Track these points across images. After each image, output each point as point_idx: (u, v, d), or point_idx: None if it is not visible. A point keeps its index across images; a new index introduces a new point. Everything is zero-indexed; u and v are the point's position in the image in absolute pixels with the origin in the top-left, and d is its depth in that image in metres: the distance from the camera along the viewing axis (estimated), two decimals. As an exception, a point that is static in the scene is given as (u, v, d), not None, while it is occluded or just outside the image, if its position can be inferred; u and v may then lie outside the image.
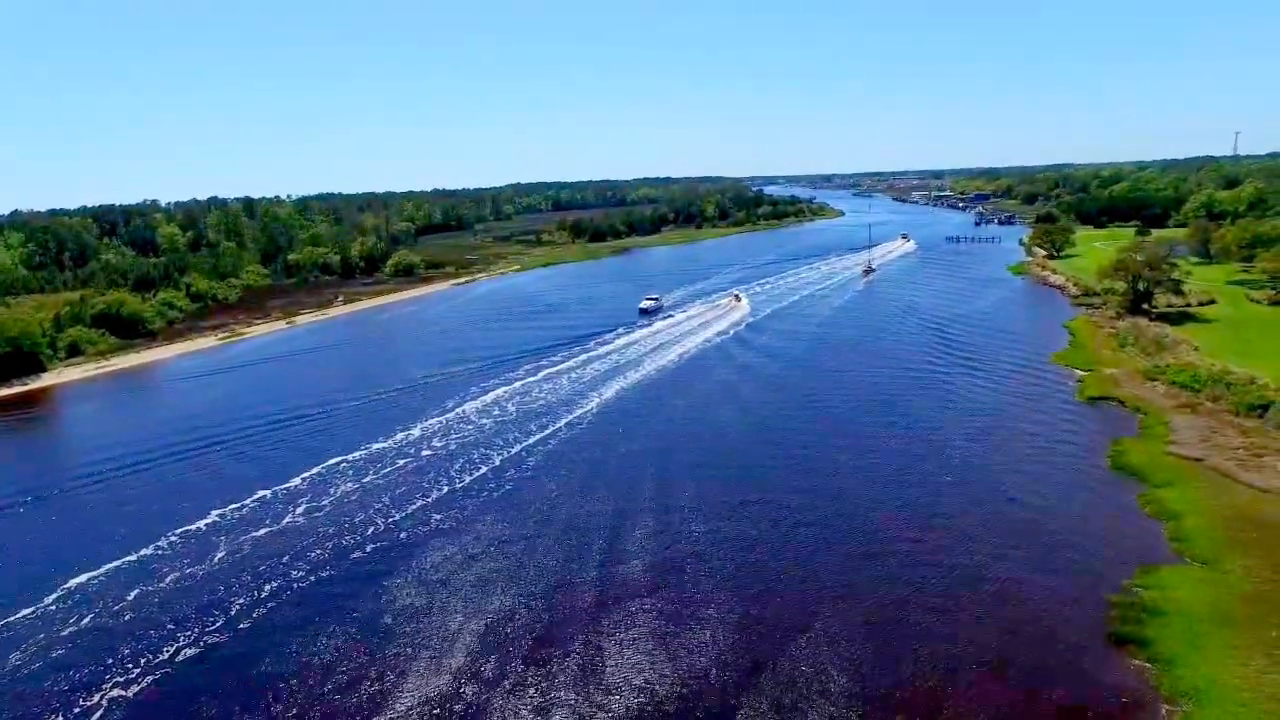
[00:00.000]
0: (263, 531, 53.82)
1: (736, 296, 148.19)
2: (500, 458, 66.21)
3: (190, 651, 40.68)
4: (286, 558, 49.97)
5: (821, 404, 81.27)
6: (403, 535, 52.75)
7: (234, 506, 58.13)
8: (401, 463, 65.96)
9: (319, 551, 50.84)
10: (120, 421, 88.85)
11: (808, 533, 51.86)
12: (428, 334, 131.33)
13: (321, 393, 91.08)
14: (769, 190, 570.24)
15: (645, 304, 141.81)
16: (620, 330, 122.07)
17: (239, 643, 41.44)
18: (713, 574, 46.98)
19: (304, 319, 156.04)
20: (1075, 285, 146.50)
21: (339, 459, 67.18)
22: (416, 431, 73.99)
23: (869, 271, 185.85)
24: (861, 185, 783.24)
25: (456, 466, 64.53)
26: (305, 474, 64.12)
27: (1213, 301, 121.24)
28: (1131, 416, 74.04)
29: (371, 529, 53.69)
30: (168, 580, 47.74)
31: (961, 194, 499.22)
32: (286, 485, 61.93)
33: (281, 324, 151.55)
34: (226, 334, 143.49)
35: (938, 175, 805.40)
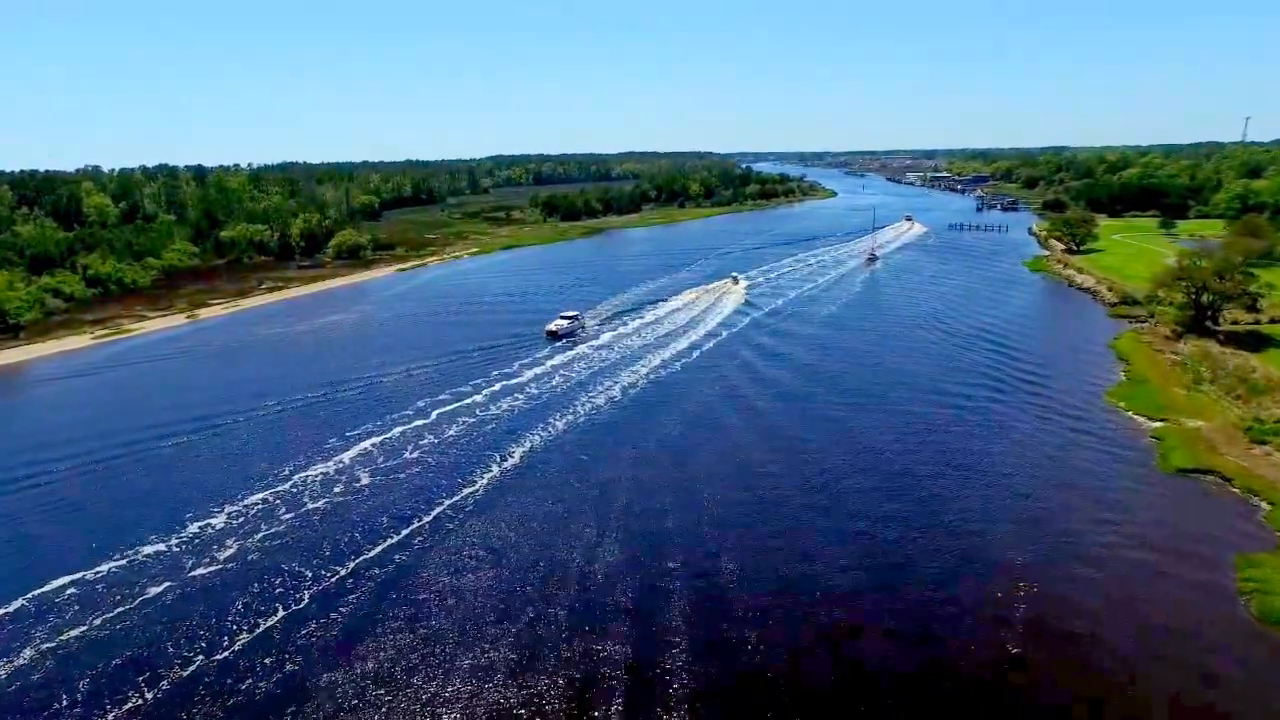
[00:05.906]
0: None
1: (735, 279, 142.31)
2: (311, 590, 42.02)
3: None
4: None
5: (788, 484, 57.80)
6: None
7: None
8: (154, 593, 41.72)
9: None
10: None
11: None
12: (331, 340, 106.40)
13: (137, 431, 67.07)
14: (758, 167, 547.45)
15: (555, 325, 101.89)
16: (562, 343, 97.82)
17: None
18: None
19: (211, 311, 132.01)
20: (1110, 290, 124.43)
21: (66, 579, 43.10)
22: (217, 522, 49.72)
23: (872, 260, 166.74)
24: (853, 164, 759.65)
25: (236, 609, 40.46)
26: (-7, 614, 40.09)
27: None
28: (1249, 506, 52.49)
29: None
30: None
31: (958, 175, 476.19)
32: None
33: (181, 318, 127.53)
34: (108, 330, 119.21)
35: (930, 155, 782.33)
